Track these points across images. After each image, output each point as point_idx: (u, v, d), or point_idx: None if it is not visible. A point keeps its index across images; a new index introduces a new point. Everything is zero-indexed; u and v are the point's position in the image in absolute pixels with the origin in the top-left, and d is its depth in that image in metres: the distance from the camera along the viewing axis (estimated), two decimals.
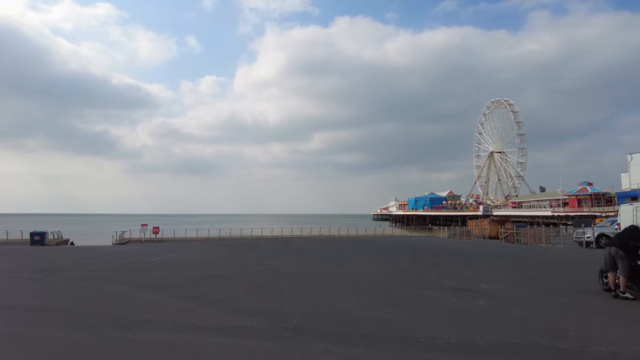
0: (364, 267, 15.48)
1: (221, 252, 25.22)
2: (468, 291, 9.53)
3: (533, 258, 18.74)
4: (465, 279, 11.74)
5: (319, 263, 17.13)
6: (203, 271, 14.84)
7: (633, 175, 61.73)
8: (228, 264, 17.24)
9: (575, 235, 25.28)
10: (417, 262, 17.29)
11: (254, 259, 19.42)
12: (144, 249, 31.26)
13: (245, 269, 15.26)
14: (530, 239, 29.46)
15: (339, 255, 21.47)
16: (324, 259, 18.89)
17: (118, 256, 23.20)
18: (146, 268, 16.11)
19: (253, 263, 17.40)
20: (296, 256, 20.96)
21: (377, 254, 21.72)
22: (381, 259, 19.20)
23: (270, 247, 29.56)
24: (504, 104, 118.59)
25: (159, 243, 39.09)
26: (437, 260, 17.82)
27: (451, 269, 14.22)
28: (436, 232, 54.62)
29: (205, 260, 19.94)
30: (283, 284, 10.99)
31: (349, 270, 14.41)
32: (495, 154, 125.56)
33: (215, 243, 36.37)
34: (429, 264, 16.14)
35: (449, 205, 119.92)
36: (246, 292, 9.75)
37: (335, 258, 19.53)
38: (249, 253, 23.63)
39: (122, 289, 10.51)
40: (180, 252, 26.26)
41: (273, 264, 16.85)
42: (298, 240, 37.82)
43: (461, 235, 44.10)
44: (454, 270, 14.00)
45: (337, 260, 18.22)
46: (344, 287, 10.21)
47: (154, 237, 43.81)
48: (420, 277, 12.08)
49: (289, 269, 14.79)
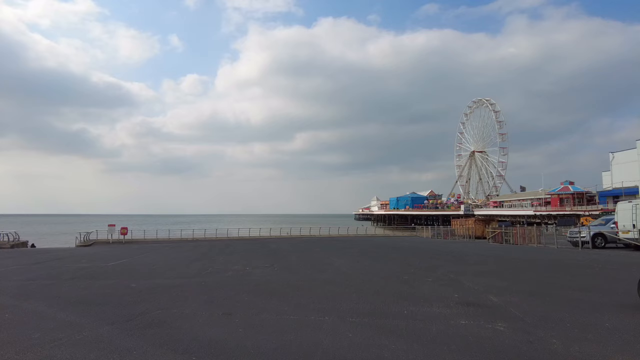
0: (347, 273, 13.45)
1: (189, 255, 22.87)
2: (476, 306, 7.60)
3: (533, 260, 17.05)
4: (467, 288, 9.82)
5: (296, 268, 15.03)
6: (157, 279, 12.59)
7: (615, 174, 61.90)
8: (190, 270, 14.99)
9: (569, 235, 23.89)
10: (406, 265, 15.36)
11: (223, 264, 17.20)
12: (106, 251, 28.58)
13: (208, 276, 13.05)
14: (520, 239, 28.01)
15: (319, 258, 19.42)
16: (301, 263, 16.80)
17: (70, 260, 20.64)
18: (92, 275, 13.74)
19: (220, 268, 15.19)
20: (271, 260, 18.82)
21: (361, 257, 19.76)
22: (366, 262, 17.22)
23: (244, 249, 27.32)
24: (485, 103, 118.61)
25: (126, 245, 36.32)
26: (429, 264, 15.94)
27: (446, 275, 12.33)
28: (419, 231, 53.10)
29: (167, 264, 17.61)
30: (246, 298, 8.86)
31: (330, 277, 12.35)
32: (476, 153, 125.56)
33: (186, 245, 33.86)
34: (420, 269, 14.22)
35: (430, 205, 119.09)
36: (195, 311, 7.60)
37: (314, 262, 17.47)
38: (219, 256, 21.37)
39: (39, 307, 8.23)
40: (144, 255, 23.80)
41: (242, 269, 14.68)
42: (276, 242, 35.63)
43: (445, 235, 42.64)
44: (450, 276, 12.10)
45: (317, 265, 16.15)
46: (321, 303, 8.15)
47: (122, 238, 40.90)
48: (414, 287, 10.11)
49: (259, 277, 12.65)
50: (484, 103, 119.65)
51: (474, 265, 15.57)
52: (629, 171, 51.78)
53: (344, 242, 34.61)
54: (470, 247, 26.39)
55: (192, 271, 14.59)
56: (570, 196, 65.01)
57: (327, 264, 16.20)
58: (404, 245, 29.60)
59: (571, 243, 23.70)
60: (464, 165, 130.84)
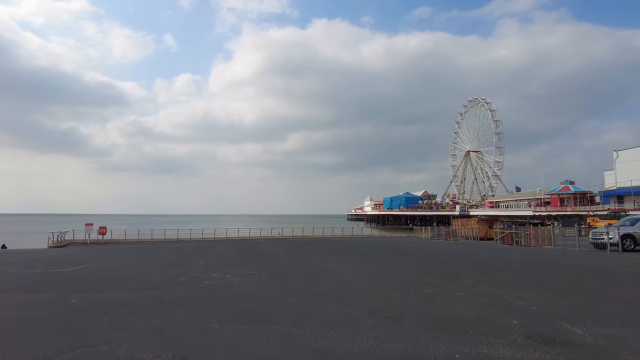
0: (351, 283, 10.84)
1: (166, 259, 20.16)
2: (559, 345, 5.03)
3: (570, 267, 14.56)
4: (520, 308, 7.27)
5: (286, 276, 12.39)
6: (111, 291, 9.89)
7: (619, 173, 59.94)
8: (158, 278, 12.30)
9: (593, 237, 21.48)
10: (420, 272, 12.79)
11: (201, 269, 14.52)
12: (75, 253, 25.72)
13: (177, 287, 10.37)
14: (533, 240, 25.59)
15: (314, 262, 16.79)
16: (293, 269, 14.16)
17: (26, 265, 17.87)
18: (33, 286, 11.04)
19: (195, 276, 12.51)
20: (258, 264, 16.16)
21: (362, 261, 17.16)
22: (370, 267, 14.62)
23: (231, 251, 24.64)
24: (481, 102, 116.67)
25: (104, 246, 33.34)
26: (446, 270, 13.37)
27: (477, 286, 9.77)
28: (417, 232, 50.62)
29: (135, 270, 14.89)
30: (215, 326, 6.20)
31: (329, 290, 9.72)
32: (471, 153, 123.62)
33: (169, 246, 31.03)
34: (439, 277, 11.65)
35: (424, 205, 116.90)
36: (134, 350, 4.93)
37: (308, 267, 14.83)
38: (200, 260, 18.67)
39: None
40: (114, 258, 21.04)
41: (221, 278, 12.02)
42: (267, 243, 32.93)
43: (446, 236, 40.22)
44: (483, 288, 9.55)
45: (311, 272, 13.52)
46: (323, 336, 5.51)
47: (100, 238, 37.87)
48: (447, 306, 7.52)
49: (239, 289, 9.99)
50: (479, 102, 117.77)
51: (502, 272, 13.03)
52: (636, 170, 49.68)
53: (340, 243, 32.03)
54: (481, 250, 23.91)
55: (159, 280, 11.91)
56: (571, 196, 63.04)
57: (324, 271, 13.58)
58: (407, 247, 27.06)
59: (594, 245, 21.31)
60: (459, 165, 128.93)
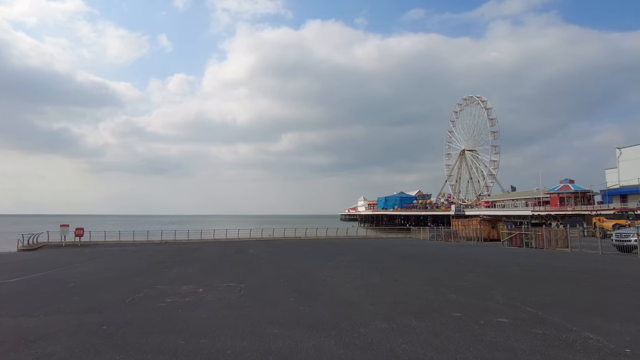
0: (351, 303, 8.45)
1: (137, 264, 17.70)
2: None
3: (617, 276, 12.34)
4: (611, 352, 4.96)
5: (271, 291, 9.98)
6: (35, 316, 7.44)
7: (622, 171, 58.12)
8: (113, 292, 9.87)
9: (617, 238, 19.36)
10: (434, 284, 10.44)
11: (171, 279, 12.09)
12: (42, 257, 23.12)
13: (127, 308, 7.96)
14: (546, 242, 23.43)
15: (307, 269, 14.42)
16: (281, 280, 11.76)
17: None
18: None
19: (160, 290, 10.09)
20: (241, 272, 13.74)
21: (362, 268, 14.79)
22: (372, 277, 12.24)
23: (215, 255, 22.20)
24: (476, 100, 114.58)
25: (80, 248, 30.70)
26: (466, 282, 11.03)
27: (521, 308, 7.44)
28: (415, 233, 48.37)
29: (92, 281, 12.40)
30: None
31: (323, 315, 7.34)
32: (467, 152, 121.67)
33: (150, 249, 28.49)
34: (461, 291, 9.30)
35: (419, 205, 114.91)
36: None
37: (300, 277, 12.45)
38: (176, 266, 16.21)
39: None
40: (80, 264, 18.52)
41: (191, 292, 9.60)
42: (256, 245, 30.49)
43: (447, 237, 38.04)
44: (529, 310, 7.23)
45: (303, 283, 11.13)
46: None
47: (77, 240, 35.18)
48: (496, 344, 5.17)
49: (207, 311, 7.58)
50: (474, 100, 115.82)
51: (535, 283, 10.70)
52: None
53: (334, 245, 29.69)
54: (491, 253, 21.68)
55: (113, 295, 9.46)
56: (571, 195, 61.21)
57: (318, 282, 11.20)
58: (409, 250, 24.73)
59: (618, 248, 19.17)
60: (454, 164, 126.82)
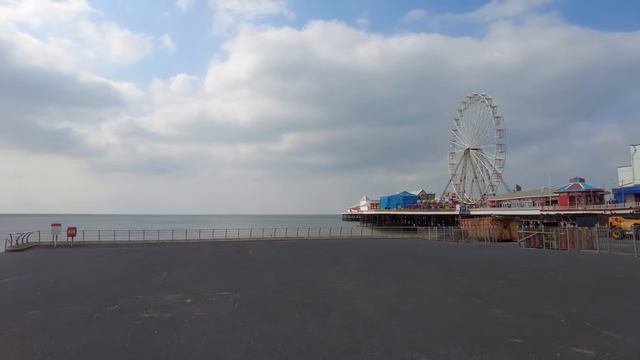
0: (372, 323, 6.80)
1: (124, 268, 16.11)
2: None
3: None
4: None
5: (271, 303, 8.34)
6: None
7: (637, 169, 56.19)
8: (84, 304, 8.29)
9: None
10: (469, 297, 8.79)
11: (157, 286, 10.50)
12: (28, 259, 21.63)
13: (93, 326, 6.35)
14: (569, 243, 21.74)
15: (311, 275, 12.78)
16: (283, 288, 10.13)
17: None
18: None
19: (140, 300, 8.50)
20: (237, 278, 12.12)
21: (375, 273, 13.12)
22: (390, 286, 10.58)
23: (211, 256, 20.63)
24: (481, 98, 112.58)
25: (73, 249, 29.11)
26: (507, 293, 9.36)
27: (600, 333, 5.79)
28: (422, 233, 46.70)
29: (65, 288, 10.82)
30: None
31: (343, 341, 5.71)
32: (471, 151, 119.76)
33: (144, 249, 26.88)
34: (506, 307, 7.64)
35: (423, 205, 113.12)
36: None
37: (304, 286, 10.80)
38: (166, 270, 14.61)
39: None
40: (64, 267, 16.97)
41: (176, 305, 7.99)
42: (257, 246, 28.85)
43: (457, 238, 36.34)
44: (613, 338, 5.59)
45: (308, 293, 9.49)
46: None
47: (70, 240, 33.61)
48: None
49: (189, 333, 5.95)
50: (479, 98, 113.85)
51: (597, 296, 9.00)
52: None
53: (339, 246, 28.03)
54: (511, 255, 19.97)
55: (78, 310, 7.86)
56: (582, 194, 59.34)
57: (327, 292, 9.55)
58: (420, 251, 23.05)
59: None
60: (458, 163, 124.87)
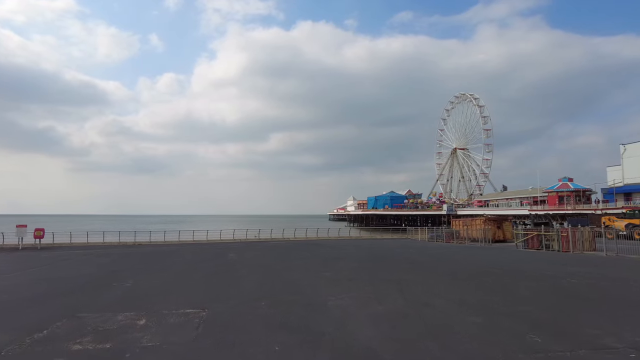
0: (380, 356, 5.16)
1: (86, 274, 14.19)
2: None
3: None
4: None
5: (246, 327, 6.64)
6: None
7: (627, 169, 55.87)
8: (5, 327, 6.43)
9: None
10: (491, 314, 7.22)
11: (111, 301, 8.72)
12: None
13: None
14: (572, 245, 20.56)
15: (298, 284, 11.10)
16: (263, 305, 8.42)
17: None
18: None
19: (78, 323, 6.71)
20: (209, 290, 10.37)
21: (372, 280, 11.50)
22: (392, 298, 8.97)
23: (188, 260, 18.84)
24: (469, 98, 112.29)
25: (40, 251, 26.84)
26: (535, 306, 7.82)
27: None
28: (411, 233, 45.44)
29: (10, 300, 8.90)
30: None
31: None
32: (458, 150, 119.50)
33: (117, 251, 24.82)
34: (549, 330, 6.10)
35: (410, 204, 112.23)
36: None
37: (289, 298, 9.13)
38: (132, 277, 12.77)
39: None
40: (15, 274, 14.92)
41: (125, 329, 6.22)
42: (239, 248, 27.04)
43: (449, 238, 35.11)
44: None
45: (294, 310, 7.82)
46: None
47: (37, 242, 31.23)
48: None
49: None
50: (467, 98, 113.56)
51: None
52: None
53: (328, 248, 26.39)
54: (512, 258, 18.63)
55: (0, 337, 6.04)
56: (571, 194, 58.89)
57: (317, 307, 7.88)
58: (413, 254, 21.56)
59: None
60: (445, 163, 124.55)
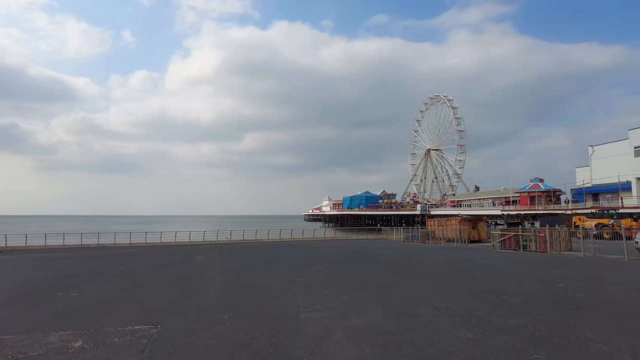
0: None
1: (32, 279, 12.72)
2: None
3: None
4: None
5: (198, 356, 5.60)
6: None
7: (595, 169, 57.36)
8: None
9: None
10: (485, 327, 6.43)
11: (50, 315, 7.46)
12: None
13: None
14: (548, 245, 20.32)
15: (268, 293, 10.09)
16: (226, 319, 7.38)
17: None
18: None
19: (1, 344, 5.46)
20: (169, 300, 9.21)
21: (349, 286, 10.59)
22: (372, 308, 8.08)
23: (152, 264, 17.52)
24: (442, 99, 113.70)
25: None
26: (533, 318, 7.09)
27: None
28: (386, 234, 45.01)
29: None
30: None
31: None
32: (432, 151, 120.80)
33: (75, 255, 23.05)
34: (555, 349, 5.33)
35: (384, 205, 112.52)
36: None
37: (257, 311, 8.11)
38: (84, 284, 11.46)
39: None
40: None
41: (56, 350, 5.04)
42: (208, 251, 25.72)
43: (424, 239, 34.74)
44: None
45: (262, 327, 6.83)
46: None
47: None
48: None
49: None
50: (441, 99, 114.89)
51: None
52: (614, 165, 46.64)
53: (303, 250, 25.40)
54: (492, 259, 18.15)
55: None
56: (542, 194, 59.98)
57: (289, 323, 6.90)
58: (390, 255, 20.84)
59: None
60: (419, 164, 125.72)
